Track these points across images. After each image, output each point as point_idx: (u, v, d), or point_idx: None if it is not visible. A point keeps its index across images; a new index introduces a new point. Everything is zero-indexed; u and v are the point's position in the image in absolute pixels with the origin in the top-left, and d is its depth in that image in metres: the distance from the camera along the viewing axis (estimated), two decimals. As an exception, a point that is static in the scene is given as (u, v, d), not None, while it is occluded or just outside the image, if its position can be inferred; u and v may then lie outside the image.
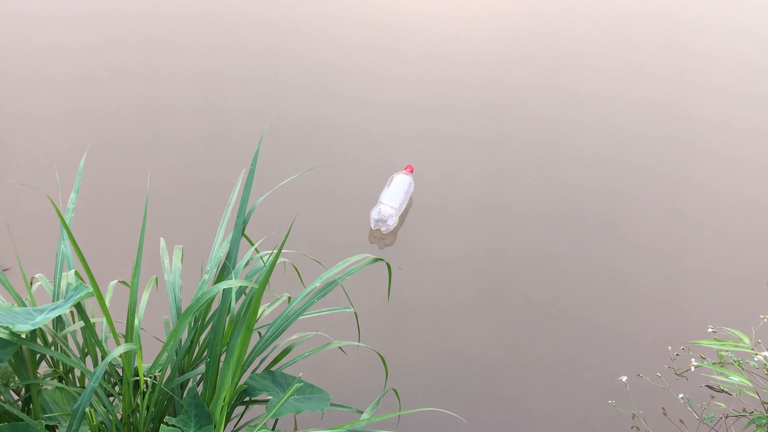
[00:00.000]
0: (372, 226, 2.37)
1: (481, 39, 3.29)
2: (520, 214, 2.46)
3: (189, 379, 1.34)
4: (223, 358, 1.27)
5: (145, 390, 1.24)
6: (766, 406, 1.55)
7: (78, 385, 1.35)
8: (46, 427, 1.23)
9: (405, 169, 2.53)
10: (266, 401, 1.39)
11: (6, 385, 1.22)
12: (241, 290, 1.35)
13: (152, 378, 1.25)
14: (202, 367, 1.33)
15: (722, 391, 1.64)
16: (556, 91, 3.00)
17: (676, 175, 2.63)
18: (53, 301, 1.28)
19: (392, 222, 2.36)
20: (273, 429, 1.33)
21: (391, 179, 2.48)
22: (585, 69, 3.14)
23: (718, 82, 3.12)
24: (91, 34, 3.18)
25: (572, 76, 3.09)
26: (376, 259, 1.42)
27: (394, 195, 2.40)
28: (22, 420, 1.16)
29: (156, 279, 1.50)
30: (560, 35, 3.35)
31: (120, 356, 1.21)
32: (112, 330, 1.20)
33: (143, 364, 1.22)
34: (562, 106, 2.92)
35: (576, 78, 3.08)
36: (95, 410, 1.20)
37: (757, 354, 1.52)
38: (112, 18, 3.30)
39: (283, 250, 1.23)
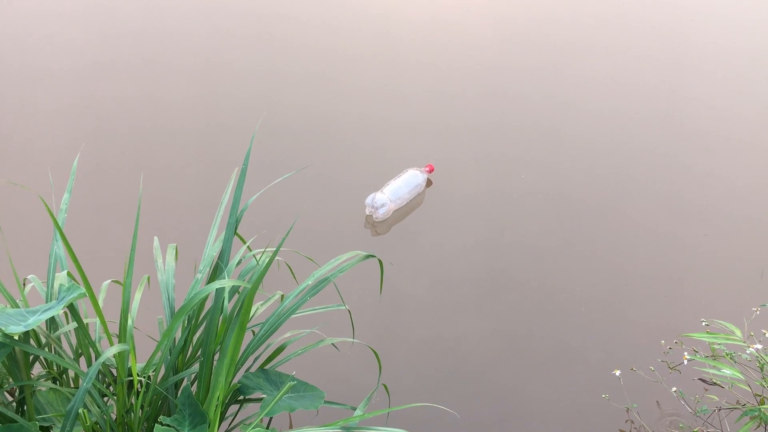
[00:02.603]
0: (366, 211, 2.38)
1: (477, 34, 3.30)
2: (516, 209, 2.46)
3: (183, 379, 1.34)
4: (216, 357, 1.28)
5: (139, 390, 1.24)
6: (758, 398, 1.57)
7: (72, 385, 1.36)
8: (41, 428, 1.23)
9: (425, 167, 2.52)
10: (260, 400, 1.39)
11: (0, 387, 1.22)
12: (234, 289, 1.36)
13: (146, 378, 1.25)
14: (195, 367, 1.34)
15: (715, 384, 1.65)
16: (553, 89, 3.00)
17: (671, 170, 2.63)
18: (46, 302, 1.28)
19: (383, 211, 2.35)
20: (267, 427, 1.34)
21: (404, 172, 2.47)
22: (583, 67, 3.14)
23: (715, 77, 3.12)
24: (86, 32, 3.17)
25: (570, 73, 3.09)
26: (368, 256, 1.42)
27: (396, 187, 2.40)
28: (16, 421, 1.16)
29: (148, 278, 1.50)
30: (557, 28, 3.35)
31: (114, 356, 1.22)
32: (106, 330, 1.20)
33: (137, 364, 1.22)
34: (559, 103, 2.92)
35: (573, 75, 3.08)
36: (89, 411, 1.20)
37: (749, 346, 1.53)
38: (107, 16, 3.29)
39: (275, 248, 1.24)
